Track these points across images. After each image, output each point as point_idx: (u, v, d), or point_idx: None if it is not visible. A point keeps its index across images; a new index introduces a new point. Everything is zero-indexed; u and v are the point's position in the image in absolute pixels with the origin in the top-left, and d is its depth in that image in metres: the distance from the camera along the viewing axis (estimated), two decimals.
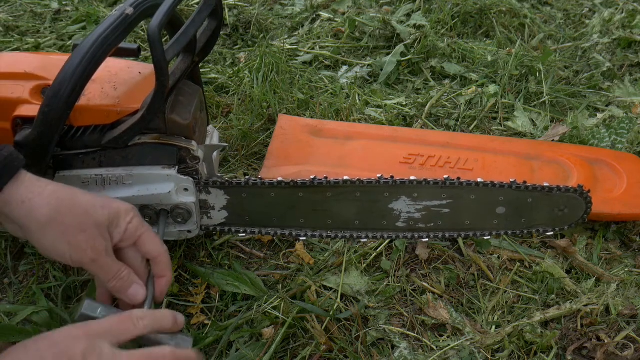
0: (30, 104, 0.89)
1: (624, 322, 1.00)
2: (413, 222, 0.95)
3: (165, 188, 0.92)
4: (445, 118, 1.47)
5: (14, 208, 0.69)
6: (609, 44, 1.75)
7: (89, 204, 0.72)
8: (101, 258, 0.71)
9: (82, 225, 0.70)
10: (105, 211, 0.73)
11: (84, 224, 0.70)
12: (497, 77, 1.58)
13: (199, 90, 0.99)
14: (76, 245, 0.69)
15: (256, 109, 1.40)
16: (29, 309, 0.98)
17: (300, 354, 0.94)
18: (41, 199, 0.69)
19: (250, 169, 1.30)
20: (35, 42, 1.70)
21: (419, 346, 0.97)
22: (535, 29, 1.81)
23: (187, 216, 0.95)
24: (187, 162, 0.92)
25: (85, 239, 0.70)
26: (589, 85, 1.58)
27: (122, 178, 0.92)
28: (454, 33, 1.78)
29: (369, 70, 1.64)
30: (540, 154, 1.27)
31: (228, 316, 1.00)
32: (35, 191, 0.70)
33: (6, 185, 0.69)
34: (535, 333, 0.96)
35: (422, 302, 1.03)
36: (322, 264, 1.08)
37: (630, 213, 1.14)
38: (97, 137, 0.90)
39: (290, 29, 1.84)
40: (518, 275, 1.09)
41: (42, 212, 0.69)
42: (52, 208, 0.69)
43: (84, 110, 0.88)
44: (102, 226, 0.72)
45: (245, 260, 1.11)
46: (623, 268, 1.10)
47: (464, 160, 1.25)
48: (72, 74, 0.79)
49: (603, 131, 1.36)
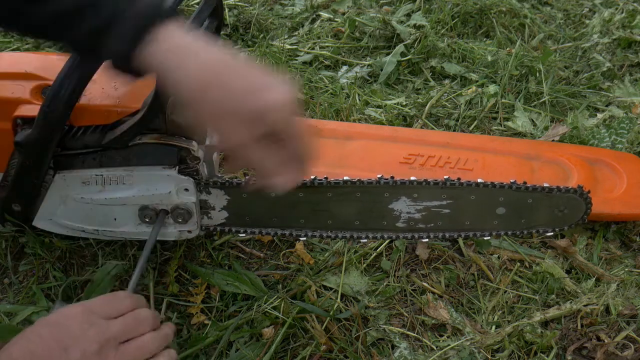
0: (30, 104, 0.89)
1: (624, 322, 1.00)
2: (413, 223, 0.95)
3: (166, 188, 0.92)
4: (445, 118, 1.47)
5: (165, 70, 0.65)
6: (609, 44, 1.75)
7: (241, 87, 0.65)
8: (246, 145, 0.66)
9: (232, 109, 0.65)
10: (254, 102, 0.65)
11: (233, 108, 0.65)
12: (497, 77, 1.58)
13: None
14: (220, 127, 0.66)
15: None
16: (29, 309, 0.98)
17: (300, 354, 0.94)
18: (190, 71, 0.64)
19: (250, 170, 1.29)
20: (36, 42, 1.70)
21: (419, 346, 0.97)
22: (535, 29, 1.81)
23: (188, 216, 0.95)
24: (187, 162, 0.92)
25: (229, 125, 0.65)
26: (589, 85, 1.58)
27: (122, 178, 0.92)
28: (454, 33, 1.78)
29: (369, 70, 1.64)
30: (540, 154, 1.27)
31: (228, 316, 1.00)
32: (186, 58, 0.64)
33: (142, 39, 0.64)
34: (535, 333, 0.96)
35: (422, 302, 1.03)
36: (322, 264, 1.08)
37: (630, 213, 1.14)
38: (98, 137, 0.90)
39: (290, 29, 1.84)
40: (518, 275, 1.09)
41: (191, 86, 0.64)
42: (200, 83, 0.64)
43: (84, 110, 0.88)
44: (246, 116, 0.65)
45: (245, 260, 1.11)
46: (623, 268, 1.10)
47: (464, 160, 1.25)
48: (73, 73, 0.79)
49: (603, 131, 1.36)
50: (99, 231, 0.99)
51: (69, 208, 0.97)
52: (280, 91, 0.64)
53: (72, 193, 0.94)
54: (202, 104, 0.64)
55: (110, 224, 0.98)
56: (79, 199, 0.94)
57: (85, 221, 0.98)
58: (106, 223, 0.98)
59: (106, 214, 0.96)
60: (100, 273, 1.03)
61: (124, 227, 0.98)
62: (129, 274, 1.05)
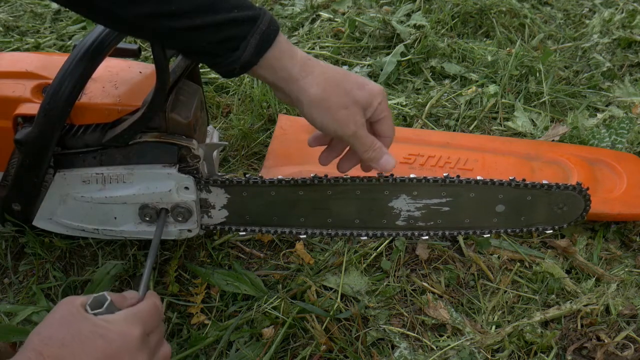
0: (31, 103, 0.89)
1: (624, 322, 1.00)
2: (413, 221, 0.95)
3: (166, 186, 0.92)
4: (445, 118, 1.47)
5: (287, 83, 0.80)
6: (609, 44, 1.75)
7: (350, 85, 0.81)
8: (360, 131, 0.82)
9: (345, 104, 0.80)
10: (363, 92, 0.82)
11: (346, 103, 0.80)
12: (497, 77, 1.58)
13: (199, 89, 0.99)
14: (340, 120, 0.80)
15: (256, 109, 1.40)
16: (29, 309, 0.98)
17: (300, 354, 0.94)
18: (312, 79, 0.79)
19: (250, 169, 1.30)
20: (35, 42, 1.70)
21: (419, 346, 0.97)
22: (535, 29, 1.81)
23: (188, 215, 0.95)
24: (187, 160, 0.92)
25: (347, 115, 0.81)
26: (589, 85, 1.58)
27: (122, 176, 0.92)
28: (454, 33, 1.78)
29: (369, 70, 1.64)
30: (540, 154, 1.27)
31: (228, 316, 1.00)
32: (307, 70, 0.79)
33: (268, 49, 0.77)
34: (535, 333, 0.96)
35: (422, 302, 1.03)
36: (322, 264, 1.08)
37: (630, 213, 1.14)
38: (98, 136, 0.90)
39: (290, 29, 1.84)
40: (518, 275, 1.08)
41: (312, 92, 0.79)
42: (320, 88, 0.79)
43: (85, 109, 0.88)
44: (359, 104, 0.81)
45: (245, 260, 1.11)
46: (623, 268, 1.10)
47: (464, 160, 1.25)
48: (73, 71, 0.79)
49: (603, 131, 1.36)
50: (99, 230, 0.99)
51: (69, 207, 0.97)
52: (375, 84, 0.84)
53: (73, 192, 0.94)
54: (329, 102, 0.80)
55: (110, 223, 0.98)
56: (79, 197, 0.94)
57: (85, 220, 0.98)
58: (106, 222, 0.98)
59: (106, 212, 0.96)
60: (100, 273, 1.03)
61: (124, 226, 0.98)
62: (128, 274, 1.05)
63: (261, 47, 0.76)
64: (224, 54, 0.76)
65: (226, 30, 0.74)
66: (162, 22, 0.73)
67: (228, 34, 0.75)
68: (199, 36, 0.75)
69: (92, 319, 0.65)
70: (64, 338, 0.62)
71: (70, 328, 0.63)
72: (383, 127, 0.86)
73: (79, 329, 0.63)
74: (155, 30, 0.75)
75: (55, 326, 0.64)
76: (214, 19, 0.73)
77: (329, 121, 0.81)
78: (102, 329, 0.64)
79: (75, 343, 0.62)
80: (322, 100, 0.79)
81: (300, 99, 0.80)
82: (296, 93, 0.80)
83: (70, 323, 0.64)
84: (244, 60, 0.76)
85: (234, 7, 0.74)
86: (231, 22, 0.74)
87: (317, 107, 0.80)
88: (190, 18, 0.73)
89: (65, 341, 0.61)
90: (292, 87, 0.80)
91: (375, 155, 0.85)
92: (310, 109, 0.80)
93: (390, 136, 0.88)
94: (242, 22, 0.75)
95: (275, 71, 0.79)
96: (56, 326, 0.64)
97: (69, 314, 0.65)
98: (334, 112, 0.80)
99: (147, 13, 0.72)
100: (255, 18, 0.76)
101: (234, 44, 0.75)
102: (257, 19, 0.76)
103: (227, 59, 0.76)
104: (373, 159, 0.85)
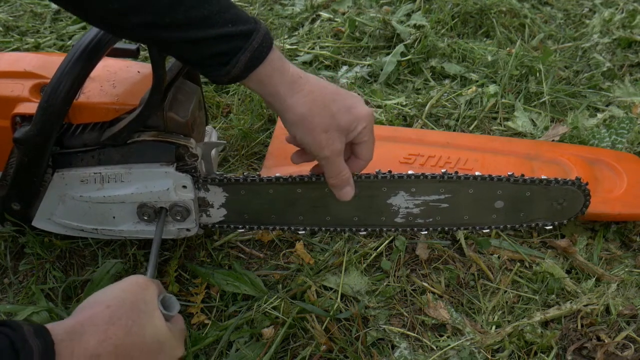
0: (29, 102, 0.89)
1: (624, 322, 0.99)
2: (412, 218, 0.95)
3: (164, 185, 0.92)
4: (445, 118, 1.47)
5: (274, 98, 0.80)
6: (609, 44, 1.75)
7: (337, 107, 0.82)
8: (333, 157, 0.83)
9: (326, 127, 0.81)
10: (348, 116, 0.82)
11: (328, 126, 0.81)
12: (497, 77, 1.57)
13: (197, 89, 0.99)
14: (319, 142, 0.81)
15: (256, 109, 1.40)
16: (29, 309, 0.98)
17: (300, 354, 0.94)
18: (299, 98, 0.80)
19: (250, 169, 1.30)
20: (35, 42, 1.70)
21: (419, 346, 0.97)
22: (535, 29, 1.81)
23: (186, 214, 0.95)
24: (185, 159, 0.92)
25: (326, 139, 0.81)
26: (589, 85, 1.58)
27: (120, 175, 0.92)
28: (454, 33, 1.78)
29: (369, 70, 1.64)
30: (540, 154, 1.26)
31: (228, 316, 1.00)
32: (296, 88, 0.80)
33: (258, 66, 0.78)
34: (535, 333, 0.96)
35: (422, 302, 1.02)
36: (322, 264, 1.08)
37: (630, 213, 1.14)
38: (96, 135, 0.90)
39: (290, 29, 1.83)
40: (518, 275, 1.08)
41: (297, 111, 0.80)
42: (306, 108, 0.80)
43: (83, 108, 0.89)
44: (341, 129, 0.82)
45: (245, 260, 1.11)
46: (623, 268, 1.09)
47: (464, 160, 1.24)
48: (70, 70, 0.79)
49: (603, 131, 1.36)
50: (98, 230, 0.99)
51: (67, 207, 0.96)
52: (364, 107, 0.84)
53: (71, 192, 0.94)
54: (312, 123, 0.80)
55: (109, 222, 0.97)
56: (77, 197, 0.94)
57: (84, 220, 0.98)
58: (105, 222, 0.97)
59: (105, 212, 0.96)
60: (100, 272, 1.02)
61: (122, 226, 0.97)
62: (128, 274, 1.04)
63: (251, 64, 0.76)
64: (215, 66, 0.77)
65: (218, 45, 0.75)
66: (156, 33, 0.74)
67: (219, 49, 0.75)
68: (190, 48, 0.75)
69: (160, 319, 0.68)
70: (131, 326, 0.64)
71: (139, 317, 0.66)
72: (362, 151, 0.87)
73: (145, 323, 0.66)
74: (149, 39, 0.77)
75: (126, 307, 0.66)
76: (207, 33, 0.74)
77: (308, 140, 0.82)
78: (164, 336, 0.68)
79: (137, 337, 0.64)
80: (305, 120, 0.80)
81: (284, 116, 0.82)
82: (282, 110, 0.81)
83: (141, 312, 0.66)
84: (233, 75, 0.77)
85: (228, 21, 0.75)
86: (223, 38, 0.74)
87: (300, 126, 0.81)
88: (184, 31, 0.73)
89: (132, 330, 0.64)
90: (278, 104, 0.80)
91: (338, 183, 0.86)
92: (293, 126, 0.82)
93: (367, 160, 0.88)
94: (235, 38, 0.75)
95: (264, 86, 0.79)
96: (128, 308, 0.66)
97: (142, 301, 0.67)
98: (315, 134, 0.81)
99: (142, 23, 0.73)
100: (249, 33, 0.76)
101: (225, 60, 0.76)
102: (250, 34, 0.76)
103: (217, 71, 0.77)
104: (335, 185, 0.87)
